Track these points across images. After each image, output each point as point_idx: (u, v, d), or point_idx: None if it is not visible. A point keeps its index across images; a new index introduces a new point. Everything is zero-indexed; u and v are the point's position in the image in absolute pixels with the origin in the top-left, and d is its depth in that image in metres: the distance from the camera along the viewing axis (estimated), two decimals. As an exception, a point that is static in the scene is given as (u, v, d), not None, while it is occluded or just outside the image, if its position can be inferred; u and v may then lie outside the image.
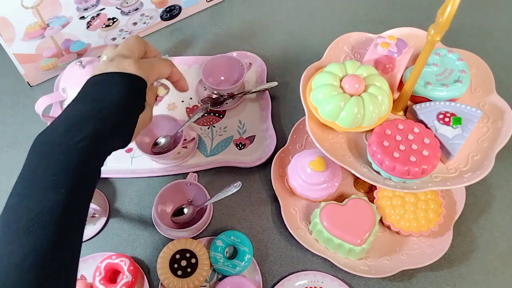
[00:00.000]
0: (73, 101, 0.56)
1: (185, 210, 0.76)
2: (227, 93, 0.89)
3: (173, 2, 0.97)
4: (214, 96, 0.89)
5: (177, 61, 0.94)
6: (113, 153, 0.56)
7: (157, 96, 0.67)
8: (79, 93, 0.57)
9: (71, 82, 0.80)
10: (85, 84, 0.57)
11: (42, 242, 0.46)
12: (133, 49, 0.60)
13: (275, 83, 0.89)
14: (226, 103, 0.89)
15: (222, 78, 0.92)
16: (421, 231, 0.72)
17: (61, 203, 0.48)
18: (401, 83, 0.71)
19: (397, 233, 0.74)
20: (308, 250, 0.73)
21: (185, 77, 0.66)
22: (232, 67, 0.91)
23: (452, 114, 0.66)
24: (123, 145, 0.58)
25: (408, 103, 0.70)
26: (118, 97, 0.55)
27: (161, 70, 0.62)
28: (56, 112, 0.87)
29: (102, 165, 0.54)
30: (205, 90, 0.91)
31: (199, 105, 0.90)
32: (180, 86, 0.67)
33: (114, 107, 0.55)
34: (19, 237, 0.46)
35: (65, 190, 0.48)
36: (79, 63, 0.81)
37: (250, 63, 0.93)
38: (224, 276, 0.71)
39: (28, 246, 0.45)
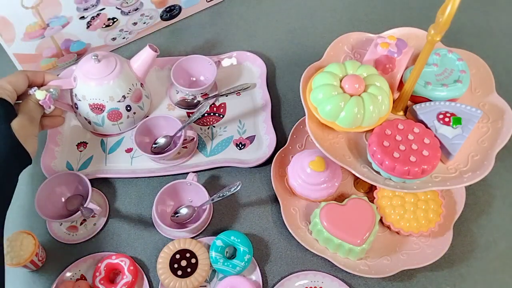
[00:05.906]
0: None
1: (185, 210, 0.76)
2: (201, 94, 0.89)
3: (173, 2, 0.97)
4: (188, 99, 0.89)
5: None
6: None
7: (38, 100, 0.68)
8: None
9: (82, 74, 0.78)
10: None
11: None
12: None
13: (248, 84, 0.90)
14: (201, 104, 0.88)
15: (193, 79, 0.92)
16: (421, 231, 0.72)
17: None
18: (401, 83, 0.71)
19: (397, 233, 0.74)
20: (308, 250, 0.73)
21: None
22: (203, 67, 0.90)
23: (452, 114, 0.66)
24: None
25: (408, 103, 0.70)
26: None
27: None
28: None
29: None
30: (177, 93, 0.91)
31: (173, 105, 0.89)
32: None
33: None
34: None
35: None
36: (95, 57, 0.77)
37: (219, 61, 0.92)
38: (224, 276, 0.71)
39: None
